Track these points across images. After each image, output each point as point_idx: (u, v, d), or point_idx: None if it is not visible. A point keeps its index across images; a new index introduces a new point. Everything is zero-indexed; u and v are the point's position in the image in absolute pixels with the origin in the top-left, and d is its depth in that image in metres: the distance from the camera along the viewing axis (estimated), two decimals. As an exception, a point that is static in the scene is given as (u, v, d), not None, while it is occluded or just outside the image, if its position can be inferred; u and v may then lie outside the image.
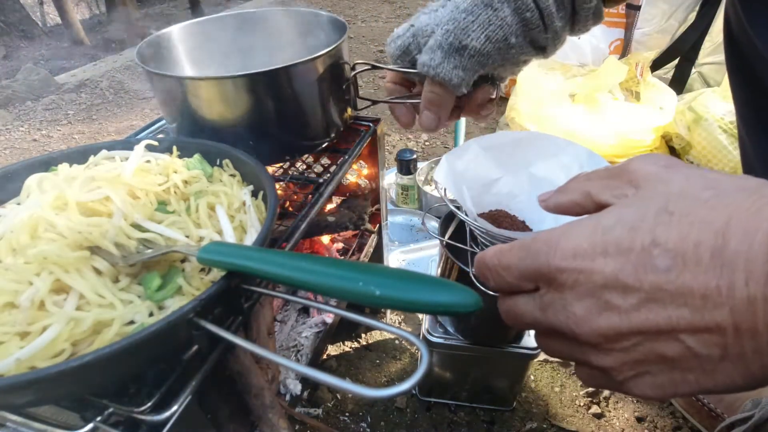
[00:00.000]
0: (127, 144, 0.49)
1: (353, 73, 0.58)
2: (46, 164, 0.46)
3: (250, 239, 0.41)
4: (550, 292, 0.25)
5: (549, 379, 0.83)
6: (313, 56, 0.51)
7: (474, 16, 0.42)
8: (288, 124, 0.54)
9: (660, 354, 0.22)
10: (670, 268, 0.21)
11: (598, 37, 1.57)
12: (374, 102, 0.60)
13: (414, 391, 0.80)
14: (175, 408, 0.33)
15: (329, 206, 0.77)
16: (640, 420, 0.76)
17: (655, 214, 0.22)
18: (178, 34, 0.64)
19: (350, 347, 0.90)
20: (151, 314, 0.34)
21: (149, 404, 0.32)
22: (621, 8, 1.58)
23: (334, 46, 0.53)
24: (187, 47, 0.65)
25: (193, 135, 0.54)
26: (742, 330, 0.19)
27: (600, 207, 0.27)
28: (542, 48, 0.45)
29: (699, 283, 0.20)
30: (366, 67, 0.55)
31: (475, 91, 0.49)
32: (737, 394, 0.69)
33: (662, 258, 0.21)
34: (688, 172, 0.24)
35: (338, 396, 0.81)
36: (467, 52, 0.43)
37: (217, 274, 0.38)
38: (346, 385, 0.24)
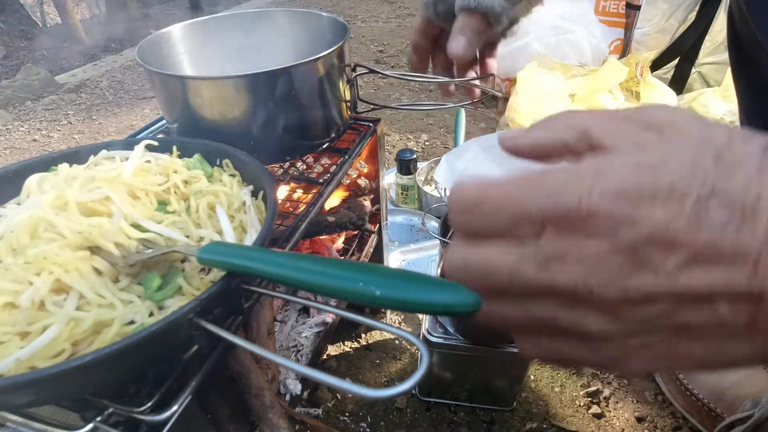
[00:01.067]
0: (127, 144, 0.49)
1: (354, 74, 0.58)
2: (46, 164, 0.46)
3: (250, 239, 0.41)
4: (564, 239, 0.19)
5: (549, 379, 0.83)
6: (314, 57, 0.51)
7: None
8: (289, 124, 0.54)
9: (682, 323, 0.19)
10: (726, 223, 0.17)
11: (598, 37, 1.57)
12: (378, 107, 0.60)
13: (414, 391, 0.80)
14: (175, 408, 0.33)
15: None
16: (640, 420, 0.76)
17: (714, 157, 0.18)
18: (178, 33, 0.64)
19: (350, 347, 0.90)
20: (151, 314, 0.34)
21: (149, 404, 0.32)
22: (621, 8, 1.59)
23: (335, 48, 0.53)
24: (187, 47, 0.65)
25: (194, 135, 0.54)
26: None
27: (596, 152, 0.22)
28: None
29: (756, 243, 0.17)
30: (365, 71, 0.55)
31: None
32: (737, 393, 0.69)
33: (720, 211, 0.17)
34: (721, 126, 0.20)
35: (338, 396, 0.81)
36: None
37: (217, 274, 0.38)
38: (346, 385, 0.24)
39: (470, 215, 0.22)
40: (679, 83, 1.51)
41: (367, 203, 0.76)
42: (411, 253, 1.10)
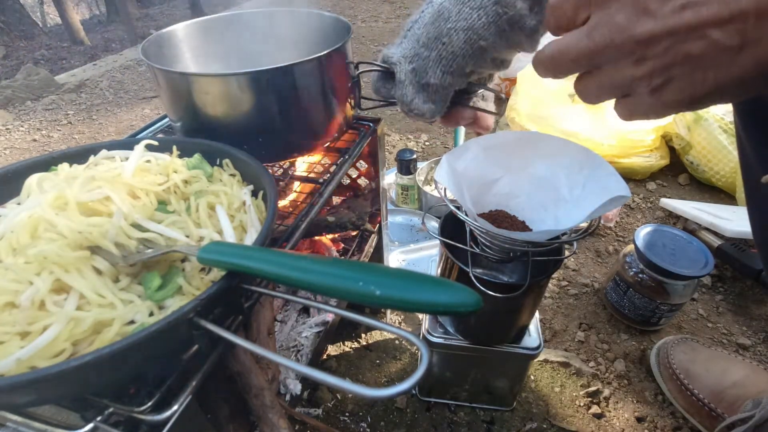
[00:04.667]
0: (127, 144, 0.49)
1: (357, 72, 0.58)
2: (46, 164, 0.46)
3: (250, 239, 0.41)
4: (599, 12, 0.27)
5: (549, 379, 0.83)
6: (317, 55, 0.51)
7: (429, 50, 0.46)
8: (292, 122, 0.54)
9: (686, 54, 0.25)
10: None
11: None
12: (384, 102, 0.60)
13: (414, 391, 0.80)
14: (175, 408, 0.33)
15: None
16: (640, 420, 0.76)
17: None
18: (181, 32, 0.64)
19: (350, 347, 0.90)
20: (151, 314, 0.34)
21: (149, 404, 0.32)
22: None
23: (339, 45, 0.54)
24: (190, 45, 0.66)
25: (198, 132, 0.54)
26: (763, 12, 0.22)
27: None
28: (502, 61, 0.49)
29: None
30: (371, 68, 0.55)
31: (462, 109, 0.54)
32: (738, 393, 0.69)
33: None
34: None
35: (338, 396, 0.81)
36: (431, 89, 0.48)
37: (217, 273, 0.38)
38: (346, 385, 0.24)
39: (559, 10, 0.30)
40: (679, 83, 1.51)
41: (367, 203, 0.76)
42: (411, 253, 1.11)
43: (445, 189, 0.52)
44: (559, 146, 0.54)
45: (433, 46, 0.46)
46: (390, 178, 1.29)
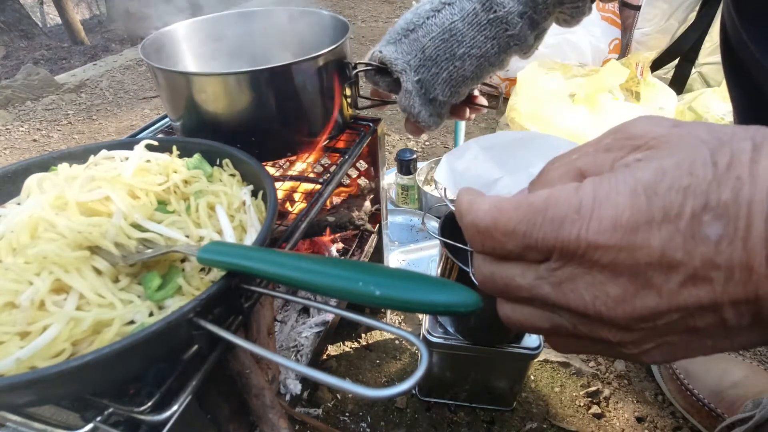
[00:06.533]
0: (127, 144, 0.49)
1: (355, 71, 0.58)
2: (46, 164, 0.46)
3: (250, 239, 0.41)
4: (569, 266, 0.21)
5: (549, 379, 0.83)
6: (316, 54, 0.51)
7: (438, 68, 0.48)
8: (291, 120, 0.54)
9: (691, 326, 0.20)
10: (720, 237, 0.18)
11: (598, 37, 1.57)
12: (379, 102, 0.60)
13: (414, 391, 0.80)
14: (175, 408, 0.33)
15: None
16: (640, 420, 0.76)
17: (703, 164, 0.18)
18: (181, 31, 0.64)
19: (350, 347, 0.90)
20: (151, 314, 0.34)
21: (149, 404, 0.32)
22: (615, 7, 1.59)
23: (337, 45, 0.54)
24: (190, 44, 0.66)
25: (198, 131, 0.55)
26: None
27: None
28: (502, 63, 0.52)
29: (749, 253, 0.18)
30: (367, 68, 0.55)
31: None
32: (738, 394, 0.69)
33: (714, 225, 0.18)
34: (705, 125, 0.20)
35: (338, 396, 0.81)
36: (437, 104, 0.51)
37: (217, 273, 0.38)
38: (346, 385, 0.24)
39: (484, 239, 0.23)
40: (679, 83, 1.51)
41: (367, 203, 0.76)
42: (411, 253, 1.10)
43: (445, 189, 0.52)
44: (559, 146, 0.54)
45: (444, 66, 0.48)
46: (390, 178, 1.29)
